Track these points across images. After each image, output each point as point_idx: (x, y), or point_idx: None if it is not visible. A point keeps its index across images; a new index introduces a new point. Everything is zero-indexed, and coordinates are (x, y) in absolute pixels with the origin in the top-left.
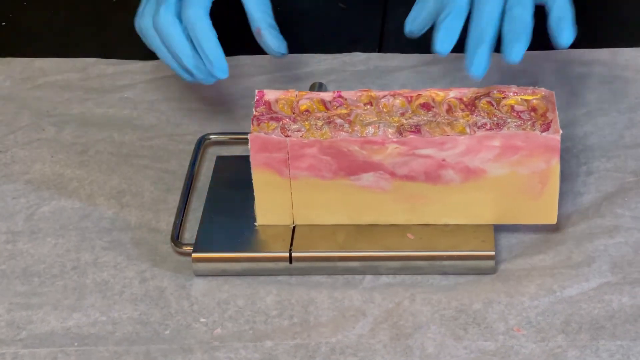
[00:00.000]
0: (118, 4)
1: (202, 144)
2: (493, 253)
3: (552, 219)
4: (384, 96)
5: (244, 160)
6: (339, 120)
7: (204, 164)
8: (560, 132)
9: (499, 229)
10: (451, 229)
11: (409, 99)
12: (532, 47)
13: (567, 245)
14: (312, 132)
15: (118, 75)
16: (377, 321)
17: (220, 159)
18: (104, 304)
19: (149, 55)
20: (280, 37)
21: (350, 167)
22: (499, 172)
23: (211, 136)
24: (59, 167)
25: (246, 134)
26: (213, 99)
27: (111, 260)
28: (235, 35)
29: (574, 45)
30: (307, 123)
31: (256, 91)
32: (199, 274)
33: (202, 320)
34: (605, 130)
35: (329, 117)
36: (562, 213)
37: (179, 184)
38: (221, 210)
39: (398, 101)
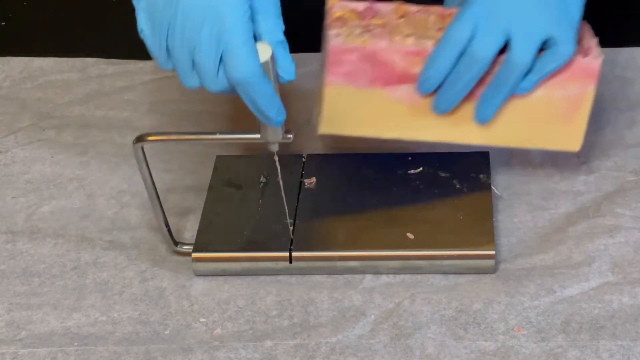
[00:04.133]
0: (118, 4)
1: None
2: (493, 252)
3: (577, 146)
4: (417, 11)
5: (244, 160)
6: (377, 30)
7: (204, 162)
8: (602, 56)
9: (499, 228)
10: (451, 228)
11: (443, 16)
12: None
13: (567, 245)
14: (352, 39)
15: (118, 76)
16: (377, 321)
17: (219, 158)
18: (103, 304)
19: (149, 55)
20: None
21: (388, 77)
22: (535, 93)
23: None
24: (59, 168)
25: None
26: (213, 100)
27: (111, 260)
28: None
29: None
30: (345, 29)
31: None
32: (199, 274)
33: (202, 320)
34: (606, 129)
35: (367, 26)
36: (562, 212)
37: (179, 184)
38: (221, 209)
39: (432, 17)
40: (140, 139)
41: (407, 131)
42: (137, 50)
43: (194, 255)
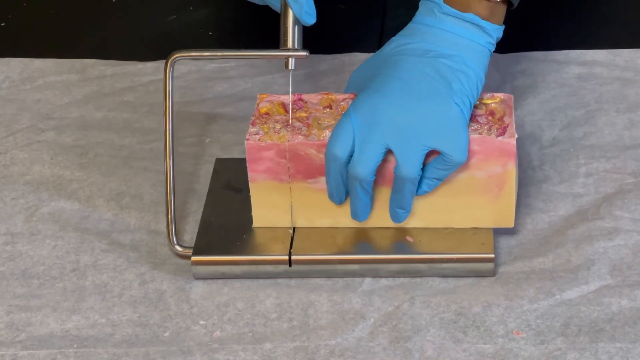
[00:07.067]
0: (118, 4)
1: (171, 63)
2: (492, 256)
3: (510, 223)
4: (344, 99)
5: (243, 163)
6: (297, 124)
7: (204, 165)
8: (516, 136)
9: (498, 231)
10: (450, 231)
11: None
12: (532, 47)
13: (567, 248)
14: (270, 136)
15: (117, 77)
16: (377, 324)
17: (219, 161)
18: (103, 306)
19: (148, 56)
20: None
21: (308, 170)
22: (456, 175)
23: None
24: (58, 169)
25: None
26: (212, 101)
27: (110, 262)
28: (235, 35)
29: (574, 45)
30: (265, 126)
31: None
32: (199, 277)
33: (201, 322)
34: (605, 130)
35: (287, 121)
36: (561, 215)
37: (179, 187)
38: (221, 212)
39: None
40: (171, 56)
41: (338, 219)
42: (136, 51)
43: (194, 258)
